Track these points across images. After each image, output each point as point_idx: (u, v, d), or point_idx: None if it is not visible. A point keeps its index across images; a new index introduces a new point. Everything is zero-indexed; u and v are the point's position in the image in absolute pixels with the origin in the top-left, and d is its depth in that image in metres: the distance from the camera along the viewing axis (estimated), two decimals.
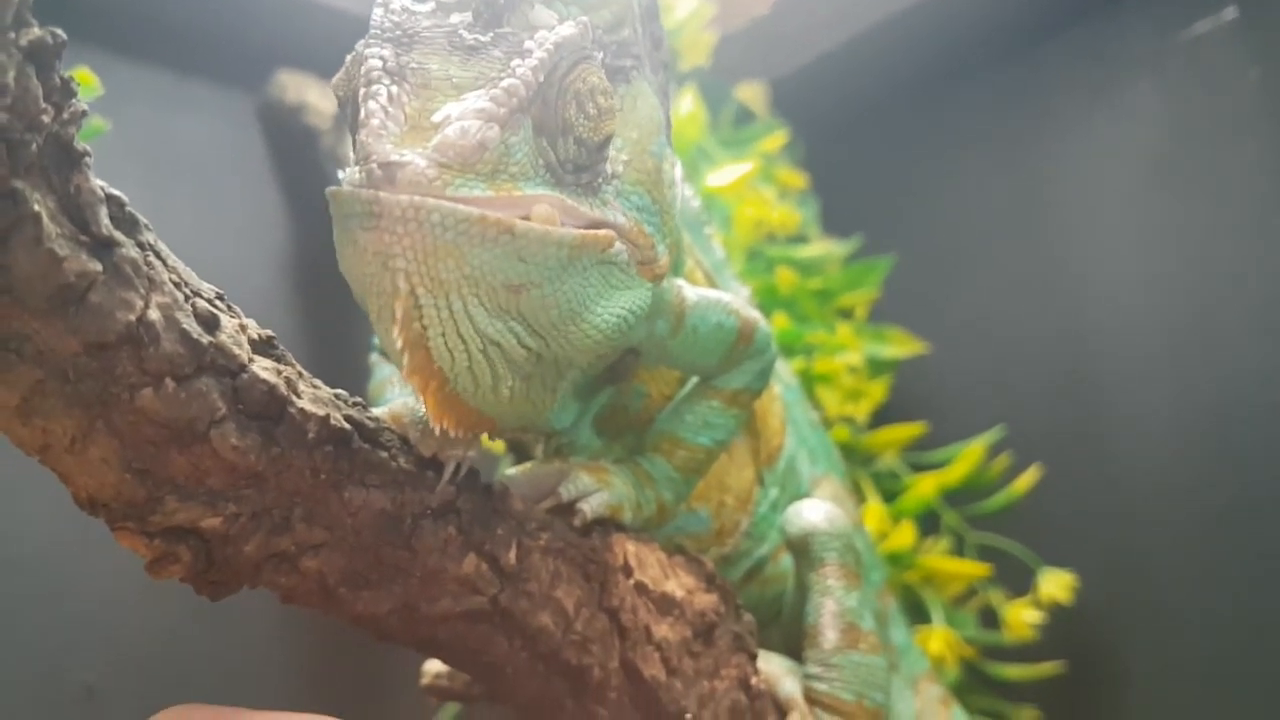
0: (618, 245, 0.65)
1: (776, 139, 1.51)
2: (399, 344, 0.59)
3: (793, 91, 1.60)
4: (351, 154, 0.61)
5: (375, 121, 0.58)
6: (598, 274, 0.64)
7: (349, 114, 0.64)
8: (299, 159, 1.41)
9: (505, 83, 0.61)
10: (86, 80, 1.06)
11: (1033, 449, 1.38)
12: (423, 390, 0.62)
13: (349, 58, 0.64)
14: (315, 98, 1.38)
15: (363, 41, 0.63)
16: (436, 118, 0.59)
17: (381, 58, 0.61)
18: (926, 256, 1.54)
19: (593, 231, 0.63)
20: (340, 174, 0.60)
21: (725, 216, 1.40)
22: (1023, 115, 1.50)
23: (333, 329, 1.37)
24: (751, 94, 1.59)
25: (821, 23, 1.57)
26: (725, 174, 1.38)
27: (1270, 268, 1.28)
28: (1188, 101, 1.36)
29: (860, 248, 1.53)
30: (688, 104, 1.46)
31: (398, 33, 0.62)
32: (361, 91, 0.60)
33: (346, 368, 0.97)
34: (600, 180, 0.66)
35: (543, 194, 0.61)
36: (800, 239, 1.51)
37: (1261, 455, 1.25)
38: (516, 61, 0.62)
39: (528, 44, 0.62)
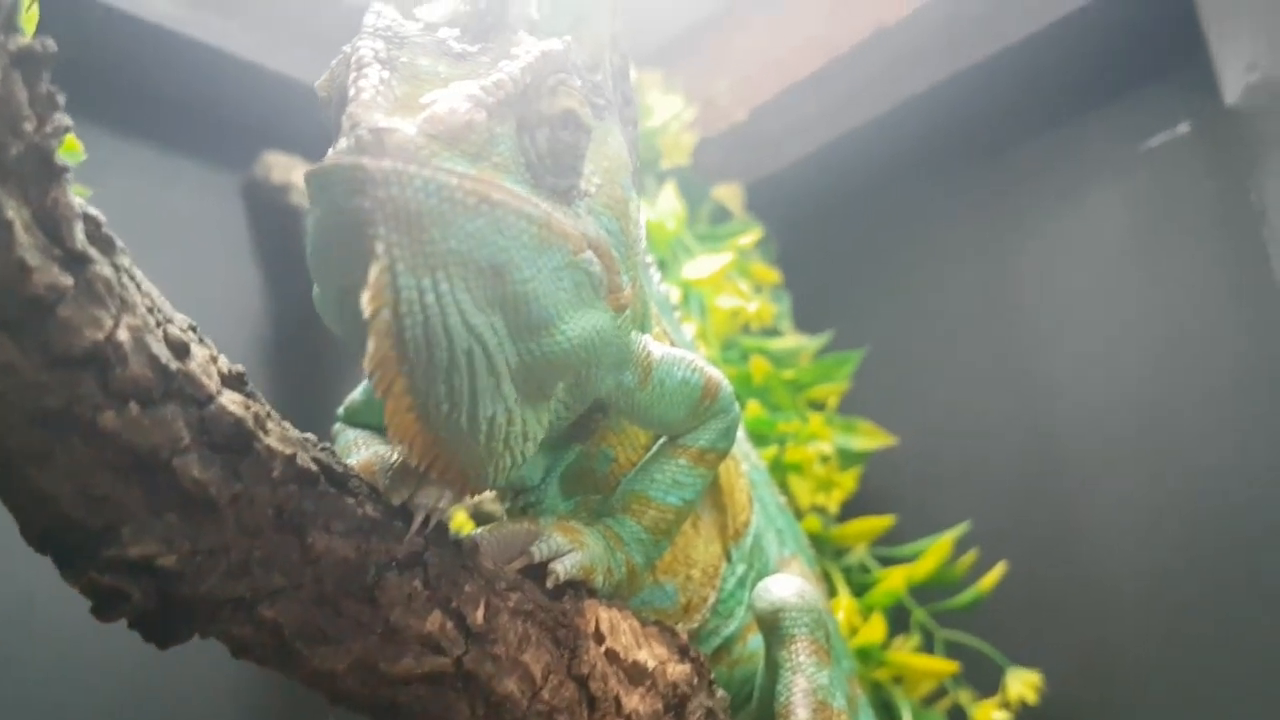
0: (589, 254, 0.66)
1: (752, 235, 1.54)
2: (367, 314, 0.55)
3: (767, 193, 1.65)
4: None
5: (366, 96, 0.59)
6: (570, 279, 0.64)
7: (334, 110, 0.65)
8: (281, 237, 1.41)
9: (494, 76, 0.63)
10: (71, 145, 1.07)
11: (1000, 543, 1.37)
12: (385, 393, 0.58)
13: (334, 61, 0.66)
14: (301, 178, 1.39)
15: (350, 43, 0.64)
16: (425, 100, 0.60)
17: (374, 48, 0.62)
18: (895, 353, 1.56)
19: (561, 220, 0.63)
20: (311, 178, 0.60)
21: (702, 307, 1.41)
22: (989, 219, 1.54)
23: (306, 405, 1.35)
24: (728, 194, 1.63)
25: (796, 129, 1.62)
26: (703, 265, 1.40)
27: (1229, 365, 1.31)
28: (1147, 208, 1.41)
29: (830, 342, 1.54)
30: (668, 200, 1.49)
31: (389, 33, 0.64)
32: (352, 75, 0.61)
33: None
34: (574, 193, 0.67)
35: (521, 193, 0.61)
36: (774, 332, 1.53)
37: (1229, 551, 1.25)
38: (505, 62, 0.64)
39: (514, 50, 0.65)
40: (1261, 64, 1.24)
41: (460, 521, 1.16)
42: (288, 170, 1.41)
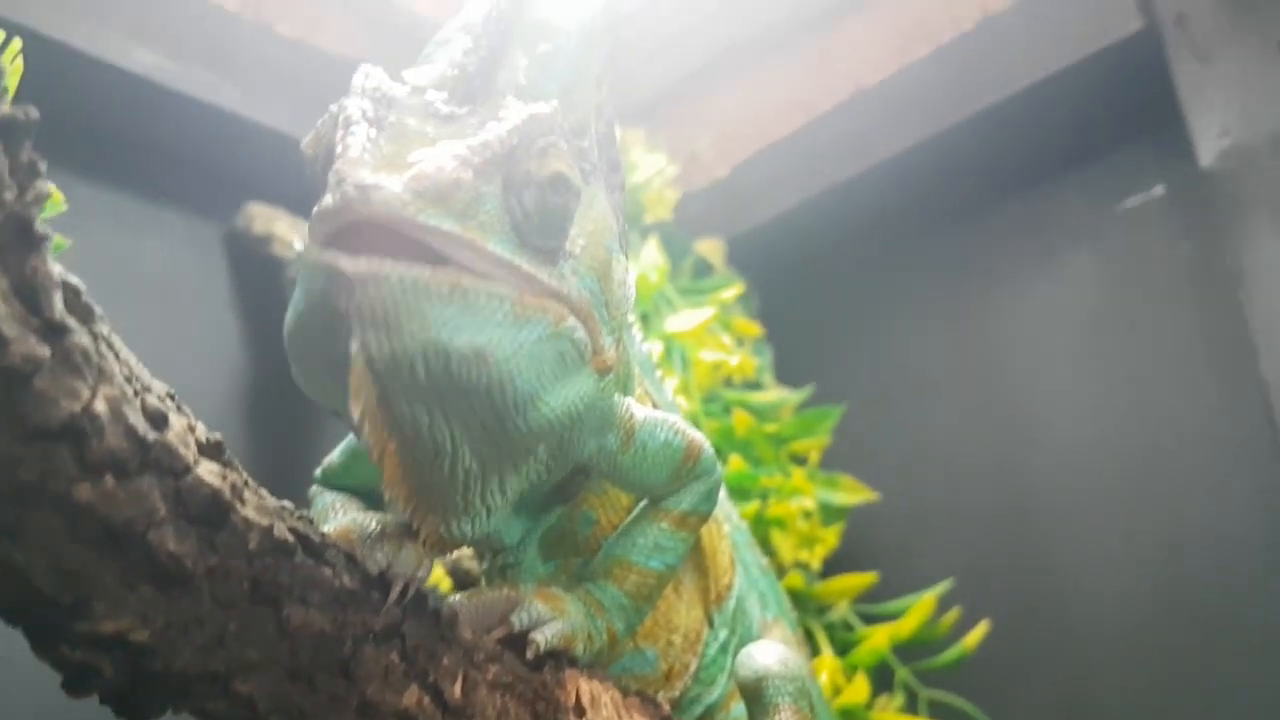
0: (572, 321, 0.65)
1: (734, 289, 1.54)
2: (355, 416, 0.58)
3: (749, 247, 1.66)
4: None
5: (353, 153, 0.59)
6: (553, 349, 0.64)
7: (320, 167, 0.65)
8: (262, 288, 1.41)
9: (481, 136, 0.63)
10: (51, 196, 1.07)
11: (982, 600, 1.36)
12: (380, 453, 0.61)
13: (320, 121, 0.66)
14: (283, 229, 1.39)
15: (337, 102, 0.65)
16: (412, 158, 0.60)
17: (361, 108, 0.63)
18: (875, 408, 1.56)
19: (537, 297, 0.63)
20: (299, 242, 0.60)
21: (685, 360, 1.42)
22: (967, 277, 1.56)
23: (285, 460, 1.33)
24: (710, 248, 1.64)
25: (776, 185, 1.64)
26: (685, 319, 1.40)
27: (1204, 422, 1.32)
28: (1121, 268, 1.43)
29: (812, 396, 1.54)
30: (651, 254, 1.50)
31: (377, 94, 0.64)
32: (339, 133, 0.61)
33: (295, 499, 0.93)
34: (560, 254, 0.67)
35: (503, 255, 0.62)
36: (756, 385, 1.53)
37: (1210, 607, 1.26)
38: (493, 124, 0.64)
39: (502, 113, 0.66)
40: (1234, 129, 1.26)
41: (437, 576, 1.14)
42: (270, 221, 1.41)
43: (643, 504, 0.83)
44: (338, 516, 0.76)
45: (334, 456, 0.85)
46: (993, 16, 1.48)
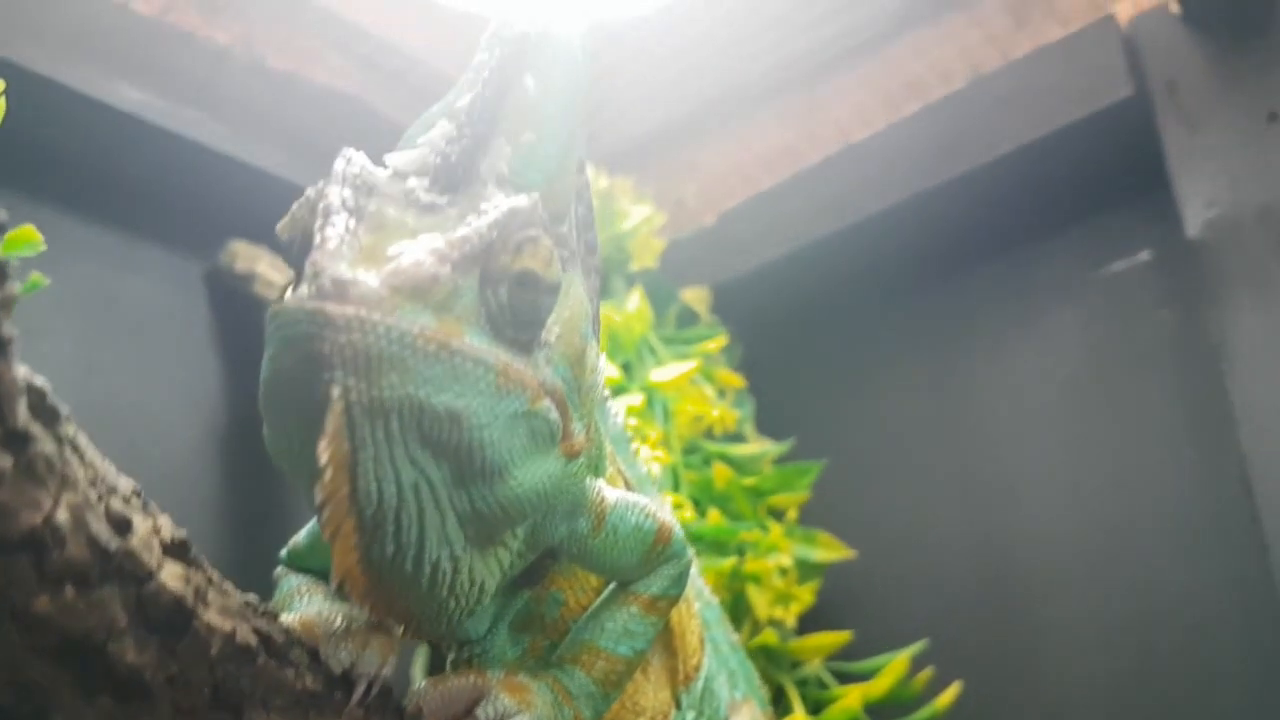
0: (547, 402, 0.66)
1: (717, 341, 1.54)
2: (323, 460, 0.57)
3: (733, 296, 1.65)
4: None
5: (330, 245, 0.59)
6: (526, 426, 0.64)
7: (296, 252, 0.65)
8: (243, 326, 1.40)
9: (460, 231, 0.63)
10: (31, 236, 1.05)
11: (956, 661, 1.36)
12: (333, 535, 0.59)
13: (296, 204, 0.66)
14: (265, 268, 1.38)
15: (316, 187, 0.64)
16: (391, 251, 0.60)
17: (341, 196, 0.63)
18: (853, 464, 1.56)
19: (519, 370, 0.64)
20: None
21: (666, 410, 1.41)
22: (950, 336, 1.56)
23: (262, 501, 1.33)
24: (695, 297, 1.64)
25: (762, 236, 1.64)
26: (668, 370, 1.40)
27: (1181, 491, 1.33)
28: (1104, 332, 1.44)
29: (792, 450, 1.54)
30: (635, 302, 1.50)
31: (358, 181, 0.64)
32: (318, 222, 0.61)
33: (268, 546, 0.92)
34: (535, 345, 0.67)
35: (478, 348, 0.62)
36: (737, 437, 1.52)
37: (1184, 672, 1.26)
38: (472, 217, 0.65)
39: (483, 205, 0.66)
40: (1222, 199, 1.27)
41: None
42: (252, 260, 1.40)
43: (612, 587, 0.83)
44: (303, 603, 0.75)
45: (300, 537, 0.84)
46: (984, 76, 1.49)
